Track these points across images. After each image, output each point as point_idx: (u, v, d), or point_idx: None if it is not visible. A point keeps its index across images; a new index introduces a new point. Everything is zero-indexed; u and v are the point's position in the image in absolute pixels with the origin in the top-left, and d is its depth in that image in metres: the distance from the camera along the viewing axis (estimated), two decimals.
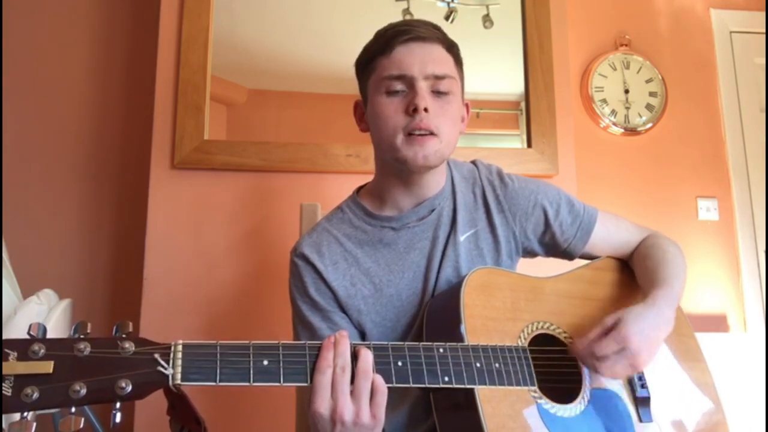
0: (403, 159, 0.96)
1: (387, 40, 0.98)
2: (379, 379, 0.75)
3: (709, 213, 2.28)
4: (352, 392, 0.73)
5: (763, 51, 2.40)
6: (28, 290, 1.49)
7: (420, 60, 0.96)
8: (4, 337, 0.65)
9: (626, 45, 2.33)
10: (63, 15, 2.05)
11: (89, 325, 0.66)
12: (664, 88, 2.31)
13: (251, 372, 0.70)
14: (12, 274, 1.53)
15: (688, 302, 2.19)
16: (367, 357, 0.75)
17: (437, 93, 0.97)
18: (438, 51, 0.99)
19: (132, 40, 2.07)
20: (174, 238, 1.70)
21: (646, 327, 0.89)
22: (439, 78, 0.96)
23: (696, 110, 2.35)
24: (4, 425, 1.20)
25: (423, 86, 0.95)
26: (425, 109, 0.94)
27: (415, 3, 1.90)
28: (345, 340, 0.76)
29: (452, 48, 1.01)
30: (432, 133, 0.95)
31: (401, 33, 0.97)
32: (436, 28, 1.01)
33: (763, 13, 2.42)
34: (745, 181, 2.32)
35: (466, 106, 1.07)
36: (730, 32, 2.43)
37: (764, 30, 2.41)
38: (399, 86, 0.97)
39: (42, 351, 0.62)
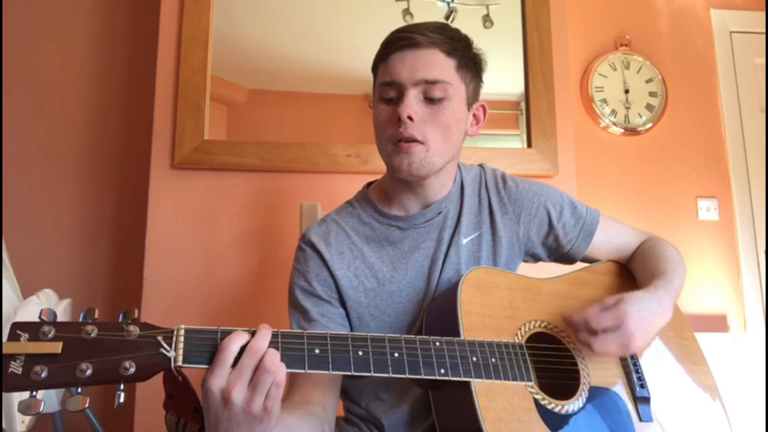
0: (392, 167, 0.99)
1: (385, 46, 0.99)
2: (282, 375, 0.71)
3: (709, 213, 2.28)
4: (250, 381, 0.69)
5: (763, 51, 2.40)
6: (28, 290, 1.50)
7: (410, 66, 0.96)
8: (4, 337, 0.65)
9: (626, 45, 2.33)
10: (63, 15, 2.05)
11: (96, 311, 0.69)
12: (664, 88, 2.31)
13: None
14: (12, 274, 1.53)
15: (688, 302, 2.19)
16: (273, 355, 0.70)
17: (429, 100, 0.96)
18: (433, 56, 0.97)
19: (132, 40, 2.07)
20: (174, 238, 1.70)
21: (645, 310, 0.89)
22: (430, 83, 0.96)
23: (696, 110, 2.35)
24: (3, 404, 1.20)
25: (412, 93, 0.95)
26: (409, 118, 0.94)
27: (415, 3, 1.90)
28: (267, 332, 0.73)
29: (454, 51, 0.98)
30: (418, 141, 0.96)
31: (396, 40, 0.97)
32: (439, 31, 0.98)
33: (763, 13, 2.42)
34: (745, 181, 2.32)
35: (483, 108, 1.07)
36: (730, 32, 2.43)
37: (764, 30, 2.41)
38: (392, 93, 0.98)
39: (51, 332, 0.65)
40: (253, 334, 0.72)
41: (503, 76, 1.91)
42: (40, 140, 1.98)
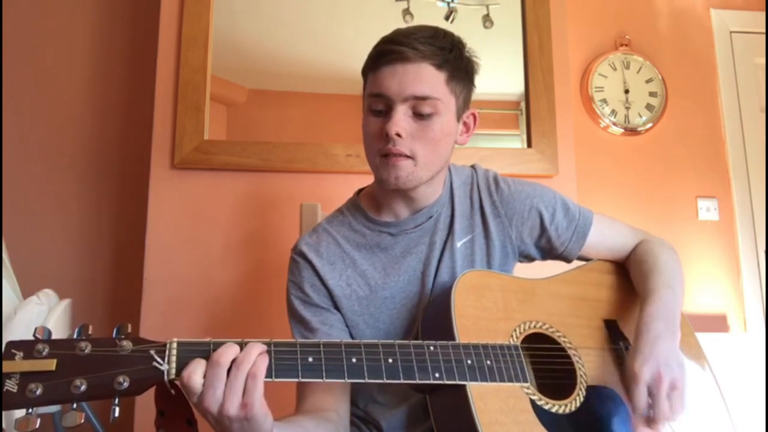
0: (380, 179, 1.00)
1: (376, 57, 0.97)
2: (259, 366, 0.70)
3: (709, 213, 2.28)
4: (225, 386, 0.69)
5: (763, 51, 2.40)
6: (28, 290, 1.49)
7: (399, 81, 0.93)
8: (5, 336, 0.66)
9: (626, 45, 2.33)
10: (63, 15, 2.05)
11: (90, 327, 0.70)
12: (664, 88, 2.31)
13: None
14: (12, 274, 1.53)
15: (688, 302, 2.19)
16: (249, 349, 0.71)
17: (418, 115, 0.95)
18: (424, 71, 0.94)
19: (132, 40, 2.07)
20: (174, 238, 1.70)
21: (648, 353, 0.88)
22: (419, 99, 0.94)
23: (696, 110, 2.35)
24: (5, 422, 1.20)
25: (400, 109, 0.94)
26: (398, 134, 0.94)
27: (415, 3, 1.90)
28: (234, 347, 0.72)
29: (445, 64, 0.96)
30: (406, 156, 0.95)
31: (387, 52, 0.95)
32: (429, 42, 0.95)
33: (763, 13, 2.42)
34: (745, 181, 2.32)
35: (473, 116, 1.06)
36: (730, 32, 2.43)
37: (764, 30, 2.41)
38: (380, 106, 0.96)
39: (46, 350, 0.66)
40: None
41: (503, 76, 1.91)
42: (40, 140, 1.98)
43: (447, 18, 1.92)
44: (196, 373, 0.68)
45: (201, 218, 1.73)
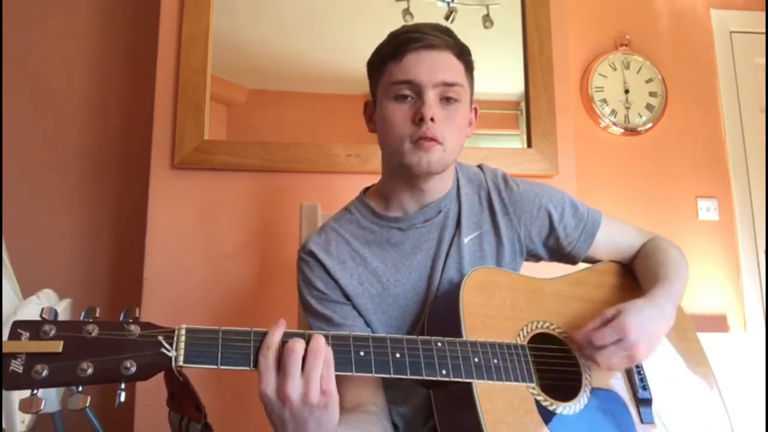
0: (408, 164, 0.98)
1: (399, 45, 0.98)
2: (330, 354, 0.73)
3: (709, 213, 2.28)
4: (302, 372, 0.71)
5: (763, 51, 2.40)
6: (28, 290, 1.49)
7: (429, 67, 0.96)
8: (4, 336, 0.65)
9: (626, 45, 2.33)
10: (63, 15, 2.05)
11: (98, 309, 0.69)
12: (664, 88, 2.31)
13: (251, 357, 0.72)
14: (12, 274, 1.53)
15: (688, 302, 2.19)
16: (318, 339, 0.73)
17: (446, 100, 0.97)
18: (448, 58, 0.98)
19: (132, 40, 2.07)
20: (174, 239, 1.70)
21: (645, 320, 0.90)
22: (448, 85, 0.97)
23: (696, 110, 2.35)
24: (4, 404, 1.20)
25: (431, 94, 0.96)
26: (432, 119, 0.95)
27: (415, 3, 1.90)
28: (283, 326, 0.75)
29: (463, 54, 1.01)
30: (437, 141, 0.96)
31: (413, 40, 0.97)
32: (448, 34, 1.00)
33: (763, 13, 2.42)
34: (745, 181, 2.32)
35: (475, 110, 1.08)
36: (730, 32, 2.43)
37: (764, 30, 2.41)
38: (407, 92, 0.97)
39: (53, 331, 0.65)
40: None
41: (503, 76, 1.91)
42: (41, 140, 1.98)
43: (447, 18, 1.92)
44: (260, 356, 0.70)
45: (201, 218, 1.73)
